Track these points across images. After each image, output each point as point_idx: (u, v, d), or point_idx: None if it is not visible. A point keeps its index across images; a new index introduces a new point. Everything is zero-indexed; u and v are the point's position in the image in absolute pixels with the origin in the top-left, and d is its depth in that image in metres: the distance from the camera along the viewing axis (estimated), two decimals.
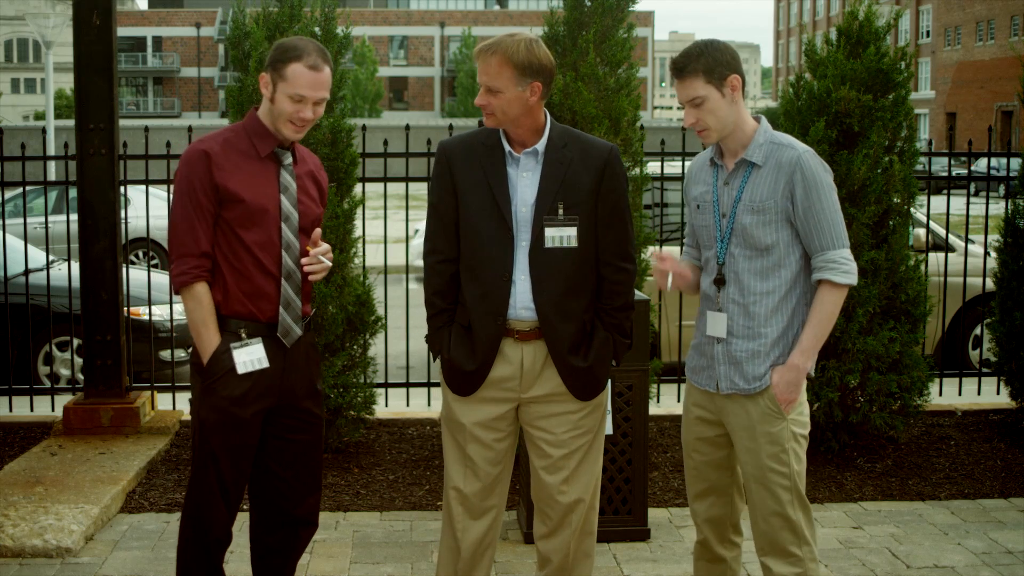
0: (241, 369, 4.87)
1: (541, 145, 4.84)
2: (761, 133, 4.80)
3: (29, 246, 11.59)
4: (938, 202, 18.52)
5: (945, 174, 10.64)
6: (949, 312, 11.13)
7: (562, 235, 4.79)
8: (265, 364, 4.90)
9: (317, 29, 8.04)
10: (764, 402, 4.76)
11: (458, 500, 4.99)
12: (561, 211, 4.78)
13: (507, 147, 4.85)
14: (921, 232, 10.79)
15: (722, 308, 4.84)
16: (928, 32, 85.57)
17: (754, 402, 4.78)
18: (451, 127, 8.62)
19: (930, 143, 10.40)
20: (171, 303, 10.49)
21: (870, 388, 8.00)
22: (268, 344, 4.94)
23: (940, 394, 9.68)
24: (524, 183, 4.83)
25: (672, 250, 9.66)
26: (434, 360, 5.10)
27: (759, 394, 4.77)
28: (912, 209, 8.33)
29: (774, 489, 4.76)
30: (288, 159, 4.98)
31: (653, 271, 4.97)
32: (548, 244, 4.78)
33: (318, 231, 4.99)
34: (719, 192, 4.87)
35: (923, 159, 9.35)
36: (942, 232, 11.41)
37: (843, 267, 4.72)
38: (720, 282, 4.85)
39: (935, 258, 10.90)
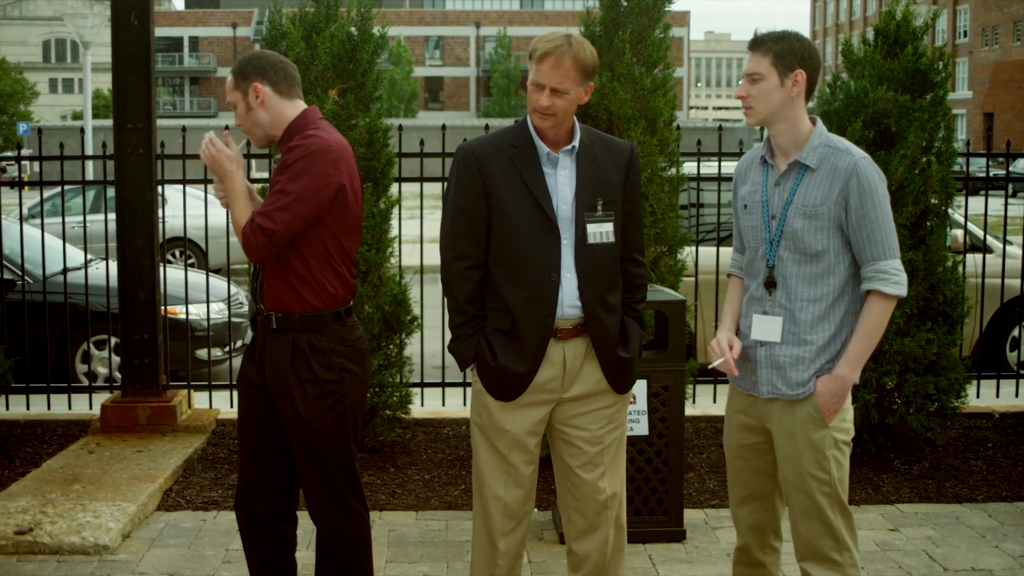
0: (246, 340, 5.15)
1: (576, 143, 4.84)
2: (816, 135, 4.74)
3: (67, 245, 11.66)
4: (976, 203, 18.40)
5: (983, 175, 10.57)
6: (986, 313, 11.08)
7: (602, 231, 4.80)
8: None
9: (353, 29, 8.05)
10: (807, 409, 4.71)
11: (499, 508, 4.96)
12: (600, 207, 4.79)
13: (543, 147, 4.83)
14: (959, 233, 10.73)
15: (768, 311, 4.81)
16: (965, 32, 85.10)
17: (797, 408, 4.73)
18: (487, 127, 8.62)
19: (968, 143, 10.34)
20: (207, 302, 10.54)
21: (907, 390, 7.97)
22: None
23: (977, 396, 9.62)
24: (562, 181, 4.81)
25: (708, 251, 9.70)
26: (462, 370, 5.07)
27: (802, 400, 4.72)
28: (950, 210, 8.28)
29: (814, 495, 4.72)
30: (278, 156, 5.11)
31: (711, 352, 4.92)
32: (591, 240, 4.78)
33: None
34: (769, 192, 4.81)
35: (960, 160, 9.29)
36: (980, 233, 11.35)
37: (893, 278, 4.65)
38: (770, 285, 4.81)
39: (972, 259, 10.84)
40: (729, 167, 9.67)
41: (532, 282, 4.78)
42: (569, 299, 4.80)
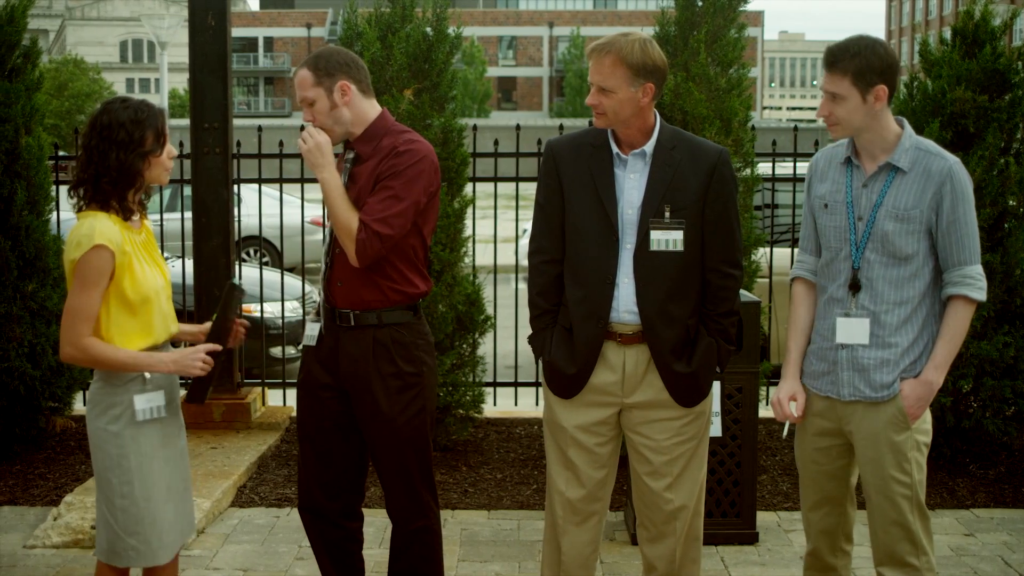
0: (306, 342, 5.21)
1: (649, 147, 4.78)
2: (907, 138, 4.68)
3: None
4: None
5: None
6: None
7: (668, 238, 4.73)
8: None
9: (429, 29, 8.07)
10: (890, 411, 4.68)
11: (562, 505, 4.97)
12: (668, 214, 4.73)
13: (615, 148, 4.81)
14: None
15: (851, 313, 4.76)
16: None
17: (880, 410, 4.70)
18: (561, 127, 8.62)
19: None
20: (282, 300, 10.60)
21: (983, 393, 7.89)
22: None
23: None
24: (631, 185, 4.78)
25: (783, 252, 9.64)
26: (536, 361, 5.09)
27: (886, 402, 4.69)
28: None
29: (896, 499, 4.69)
30: (350, 155, 5.10)
31: (776, 413, 5.05)
32: (653, 247, 4.73)
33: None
34: (855, 194, 4.75)
35: None
36: None
37: (979, 283, 4.65)
38: (855, 287, 4.76)
39: None
40: (804, 168, 9.60)
41: (589, 283, 4.78)
42: (626, 305, 4.77)
